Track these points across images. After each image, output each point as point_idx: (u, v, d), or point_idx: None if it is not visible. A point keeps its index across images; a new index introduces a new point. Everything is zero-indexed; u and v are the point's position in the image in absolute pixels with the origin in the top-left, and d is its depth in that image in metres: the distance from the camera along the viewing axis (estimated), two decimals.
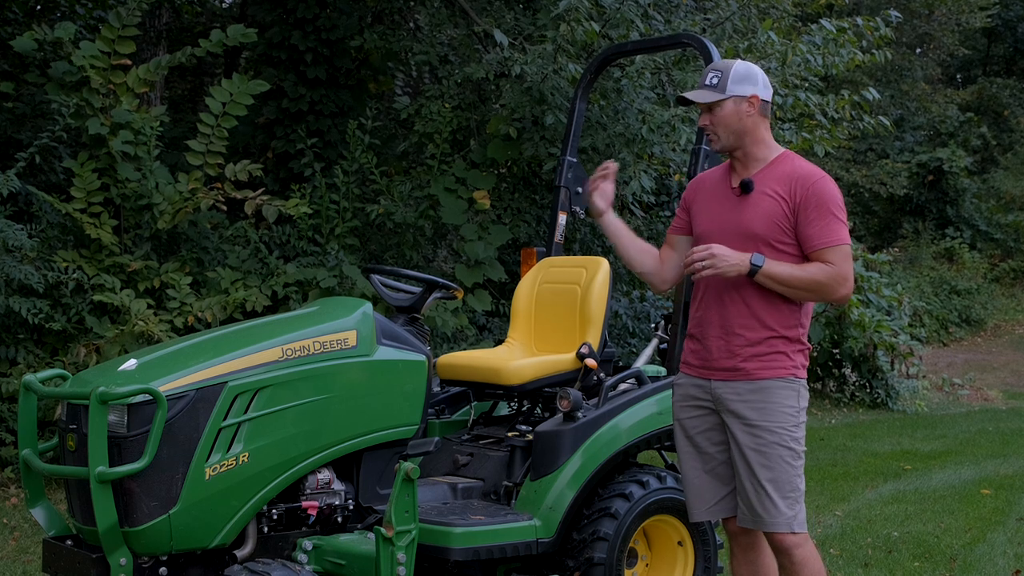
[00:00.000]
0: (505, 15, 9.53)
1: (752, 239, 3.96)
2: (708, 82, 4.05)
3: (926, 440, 10.94)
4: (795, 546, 4.01)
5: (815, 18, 10.87)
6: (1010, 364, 18.08)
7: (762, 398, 3.98)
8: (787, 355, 4.01)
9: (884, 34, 9.83)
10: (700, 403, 4.11)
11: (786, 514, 3.97)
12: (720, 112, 4.02)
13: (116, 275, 8.06)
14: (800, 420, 4.03)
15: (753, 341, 3.99)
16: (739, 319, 4.01)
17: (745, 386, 3.99)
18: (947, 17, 24.20)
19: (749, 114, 4.03)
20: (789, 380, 4.00)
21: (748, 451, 3.98)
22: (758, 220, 3.98)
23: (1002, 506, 7.80)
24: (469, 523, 4.38)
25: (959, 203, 23.75)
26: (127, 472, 3.90)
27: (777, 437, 3.97)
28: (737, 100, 4.01)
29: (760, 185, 4.01)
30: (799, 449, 4.01)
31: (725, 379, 4.03)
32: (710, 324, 4.07)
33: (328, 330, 4.39)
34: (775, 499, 3.97)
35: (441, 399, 5.29)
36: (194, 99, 13.80)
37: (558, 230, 5.68)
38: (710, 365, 4.06)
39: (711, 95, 4.02)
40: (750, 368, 3.99)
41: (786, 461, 3.97)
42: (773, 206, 3.97)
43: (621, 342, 10.11)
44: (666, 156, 9.25)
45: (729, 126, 4.02)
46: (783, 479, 3.97)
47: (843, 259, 3.93)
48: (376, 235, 9.79)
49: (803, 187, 3.95)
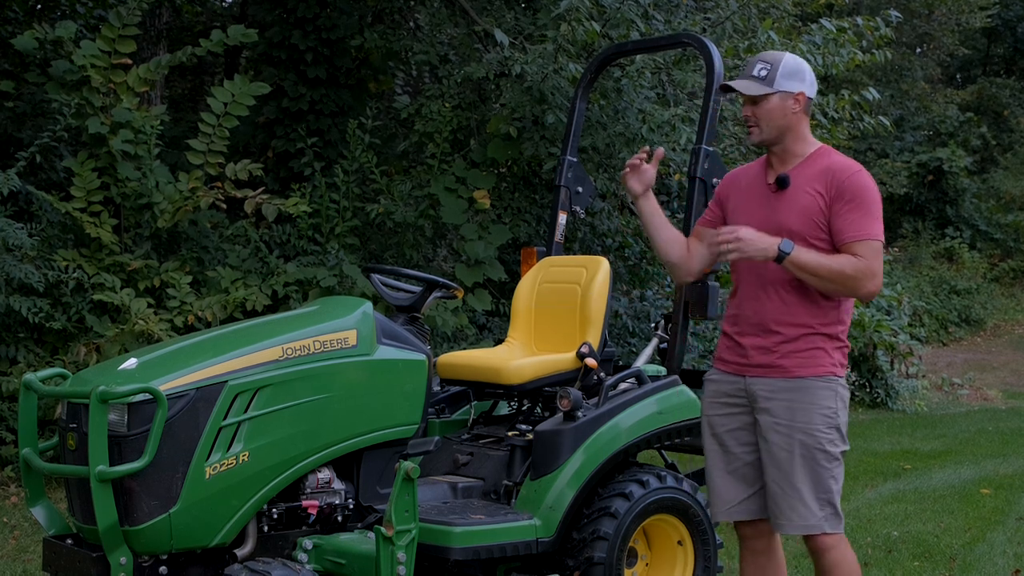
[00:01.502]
0: (505, 15, 9.53)
1: (788, 235, 3.88)
2: (756, 73, 3.94)
3: (926, 440, 10.95)
4: (829, 548, 3.95)
5: (815, 18, 10.86)
6: (1010, 364, 18.08)
7: (798, 397, 3.91)
8: (826, 352, 3.93)
9: (884, 34, 9.83)
10: (732, 400, 4.04)
11: (818, 515, 3.91)
12: (765, 105, 3.93)
13: (116, 274, 8.06)
14: (838, 421, 3.94)
15: (791, 337, 3.92)
16: (776, 315, 3.94)
17: (781, 383, 3.92)
18: (947, 17, 24.19)
19: (794, 111, 3.94)
20: (827, 379, 3.93)
21: (780, 451, 3.91)
22: (794, 216, 3.90)
23: (1002, 506, 7.81)
24: (469, 522, 4.38)
25: (959, 203, 23.75)
26: (127, 471, 3.90)
27: (812, 439, 3.90)
28: (784, 96, 3.92)
29: (797, 180, 3.94)
30: (834, 451, 3.92)
31: (760, 375, 3.96)
32: (746, 321, 4.00)
33: (328, 329, 4.39)
34: (807, 500, 3.90)
35: (441, 398, 5.29)
36: (194, 98, 13.80)
37: (558, 230, 5.68)
38: (746, 361, 3.99)
39: (758, 87, 3.92)
40: (787, 365, 3.92)
41: (819, 463, 3.90)
42: (809, 202, 3.89)
43: (621, 342, 10.10)
44: (666, 155, 9.24)
45: (773, 121, 3.94)
46: (816, 480, 3.90)
47: (873, 254, 3.84)
48: (376, 234, 9.79)
49: (839, 180, 3.87)
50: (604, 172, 9.48)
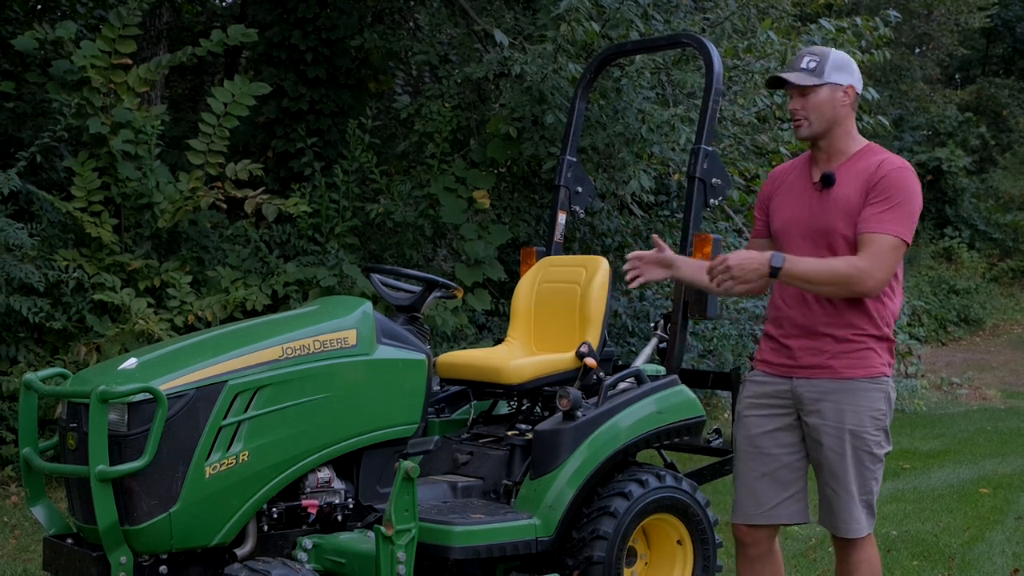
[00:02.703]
0: (505, 15, 9.53)
1: (832, 235, 3.85)
2: (805, 65, 3.90)
3: (925, 439, 10.95)
4: (862, 547, 3.96)
5: (814, 18, 10.87)
6: (1008, 363, 18.09)
7: (847, 398, 3.87)
8: (876, 352, 3.90)
9: (883, 34, 9.83)
10: (774, 402, 4.00)
11: (861, 520, 3.91)
12: (815, 98, 3.88)
13: (116, 274, 8.07)
14: (886, 423, 3.92)
15: (840, 339, 3.87)
16: (823, 318, 3.89)
17: (830, 384, 3.88)
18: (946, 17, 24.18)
19: (843, 103, 3.89)
20: (877, 380, 3.89)
21: (831, 454, 3.88)
22: (839, 216, 3.84)
23: (1000, 505, 7.81)
24: (469, 522, 4.39)
25: (958, 203, 23.74)
26: (127, 471, 3.90)
27: (861, 441, 3.87)
28: (833, 87, 3.87)
29: (842, 179, 3.88)
30: (880, 453, 3.91)
31: (809, 377, 3.91)
32: (791, 323, 3.96)
33: (328, 329, 4.40)
34: (857, 503, 3.89)
35: (441, 398, 5.30)
36: (194, 98, 13.80)
37: (558, 229, 5.69)
38: (793, 363, 3.95)
39: (808, 78, 3.88)
40: (837, 366, 3.88)
41: (866, 465, 3.88)
42: (851, 201, 3.83)
43: (620, 341, 10.11)
44: (666, 156, 9.25)
45: (823, 113, 3.88)
46: (862, 483, 3.89)
47: (879, 250, 3.75)
48: (376, 234, 9.79)
49: (879, 174, 3.81)
50: (604, 172, 9.49)
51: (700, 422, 5.00)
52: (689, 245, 4.95)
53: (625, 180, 9.04)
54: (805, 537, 6.61)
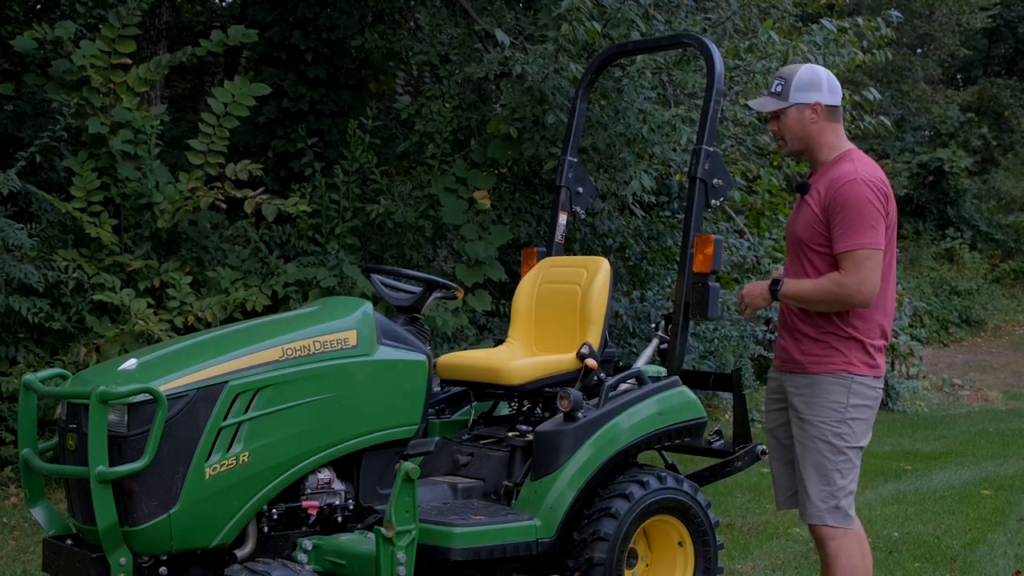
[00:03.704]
0: (506, 15, 9.52)
1: (799, 244, 4.20)
2: (773, 89, 4.20)
3: (926, 441, 10.95)
4: (828, 538, 4.22)
5: (816, 18, 10.86)
6: (1010, 365, 18.09)
7: (811, 392, 4.22)
8: (840, 351, 4.20)
9: (885, 34, 9.83)
10: (777, 396, 4.43)
11: (819, 506, 4.19)
12: (785, 119, 4.18)
13: (116, 274, 8.06)
14: (847, 415, 4.18)
15: (808, 337, 4.23)
16: (798, 320, 4.28)
17: (801, 379, 4.26)
18: (948, 17, 24.19)
19: (813, 120, 4.14)
20: (839, 375, 4.19)
21: (796, 443, 4.26)
22: (802, 225, 4.19)
23: (1002, 507, 7.81)
24: (469, 523, 4.38)
25: (959, 203, 23.75)
26: (127, 472, 3.89)
27: (817, 431, 4.19)
28: (800, 107, 4.14)
29: (813, 188, 4.16)
30: (839, 444, 4.18)
31: (790, 371, 4.31)
32: (782, 324, 4.43)
33: (328, 330, 4.39)
34: (809, 491, 4.20)
35: (441, 399, 5.28)
36: (194, 98, 13.80)
37: (558, 230, 5.68)
38: (781, 360, 4.37)
39: (774, 103, 4.17)
40: (804, 362, 4.25)
41: (823, 455, 4.18)
42: (810, 211, 4.14)
43: (621, 342, 10.10)
44: (667, 156, 9.24)
45: (793, 132, 4.17)
46: (821, 472, 4.19)
47: (855, 264, 4.05)
48: (376, 235, 9.78)
49: (831, 191, 4.08)
50: (604, 172, 9.48)
51: (701, 423, 4.99)
52: (690, 246, 4.93)
53: (626, 180, 9.03)
54: (806, 538, 6.59)
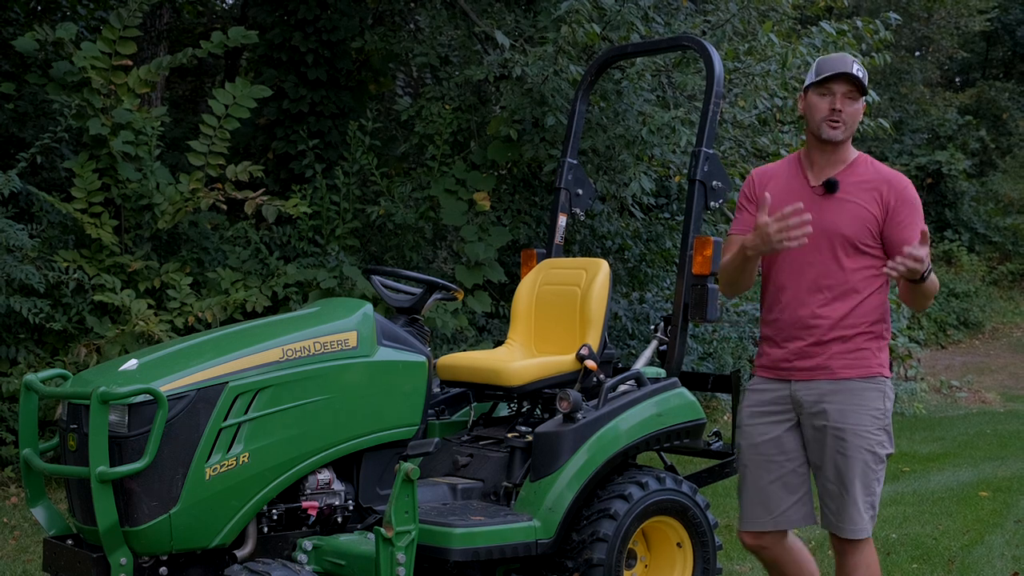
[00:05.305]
0: (506, 17, 9.53)
1: (835, 237, 3.94)
2: (857, 72, 3.97)
3: (924, 442, 10.96)
4: (861, 549, 4.02)
5: (815, 20, 10.87)
6: (1008, 367, 18.09)
7: (847, 399, 3.94)
8: (871, 352, 3.99)
9: (883, 37, 9.84)
10: (774, 407, 4.06)
11: (864, 518, 3.98)
12: (856, 105, 4.00)
13: (117, 275, 8.07)
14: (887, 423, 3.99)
15: (836, 339, 3.96)
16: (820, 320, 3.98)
17: (828, 386, 3.96)
18: (946, 20, 24.19)
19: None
20: (874, 379, 3.98)
21: (833, 454, 3.94)
22: (846, 221, 3.95)
23: (1000, 508, 7.82)
24: (469, 524, 4.39)
25: (958, 206, 23.74)
26: (128, 472, 3.91)
27: (863, 441, 3.94)
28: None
29: (845, 186, 3.99)
30: (882, 453, 3.98)
31: (806, 379, 3.99)
32: (788, 326, 4.02)
33: (328, 331, 4.40)
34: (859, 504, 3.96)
35: (441, 400, 5.30)
36: (195, 100, 13.82)
37: (558, 232, 5.69)
38: (790, 366, 4.02)
39: (862, 87, 4.00)
40: (834, 366, 3.96)
41: (869, 466, 3.95)
42: (862, 209, 3.95)
43: (621, 344, 10.12)
44: (666, 158, 9.25)
45: (855, 121, 4.02)
46: (865, 484, 3.95)
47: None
48: (376, 236, 9.80)
49: (897, 191, 3.96)
50: (604, 174, 9.49)
51: (700, 425, 5.01)
52: (689, 248, 4.95)
53: (625, 182, 9.04)
54: (805, 540, 6.60)
